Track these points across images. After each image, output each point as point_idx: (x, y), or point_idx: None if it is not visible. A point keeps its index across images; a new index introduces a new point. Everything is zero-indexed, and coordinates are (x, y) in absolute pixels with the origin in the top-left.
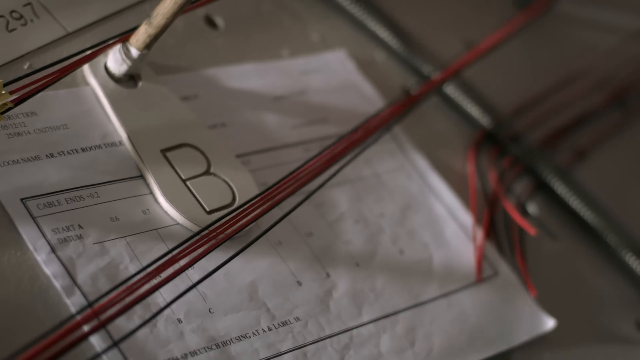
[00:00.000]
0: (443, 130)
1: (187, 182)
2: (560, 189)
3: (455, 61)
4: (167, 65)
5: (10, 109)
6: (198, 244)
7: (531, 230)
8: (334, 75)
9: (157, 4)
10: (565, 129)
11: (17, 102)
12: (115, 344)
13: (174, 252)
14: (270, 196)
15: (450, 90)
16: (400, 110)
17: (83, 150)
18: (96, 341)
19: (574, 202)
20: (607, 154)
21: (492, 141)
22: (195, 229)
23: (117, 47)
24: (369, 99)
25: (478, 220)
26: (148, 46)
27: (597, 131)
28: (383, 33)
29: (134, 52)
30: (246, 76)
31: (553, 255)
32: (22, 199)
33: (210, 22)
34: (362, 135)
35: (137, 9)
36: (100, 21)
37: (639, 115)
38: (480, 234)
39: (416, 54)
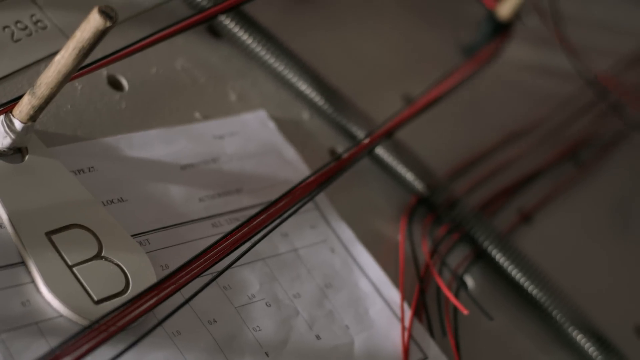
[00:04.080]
0: (374, 196)
1: (74, 269)
2: (501, 259)
3: (390, 120)
4: (61, 135)
5: None
6: (83, 339)
7: (464, 309)
8: (252, 139)
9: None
10: (510, 188)
11: None
12: None
13: (56, 350)
14: (171, 281)
15: (383, 152)
16: (326, 176)
17: None
18: None
19: (516, 274)
20: (556, 216)
21: (427, 207)
22: (82, 321)
23: (0, 119)
24: (291, 164)
25: (408, 297)
26: (33, 118)
27: (546, 190)
28: (309, 90)
29: (18, 125)
30: (150, 143)
31: (491, 334)
32: None
33: (115, 83)
34: (281, 207)
35: (31, 71)
36: None
37: (593, 171)
38: (409, 313)
39: (347, 112)
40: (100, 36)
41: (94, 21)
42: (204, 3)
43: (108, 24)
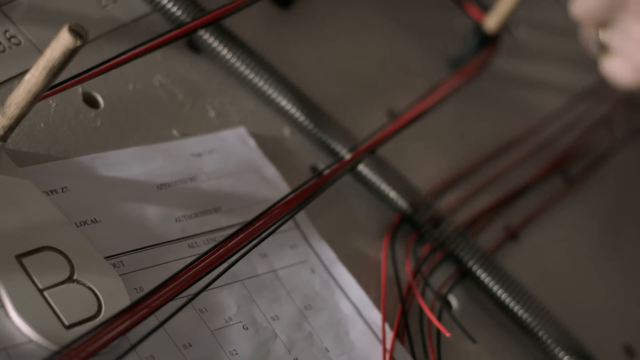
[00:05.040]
0: (357, 214)
1: (45, 292)
2: (486, 278)
3: (373, 136)
4: (33, 154)
5: None
6: None
7: (446, 332)
8: (231, 156)
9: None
10: (497, 205)
11: None
12: None
13: None
14: (144, 304)
15: (366, 168)
16: (307, 193)
17: None
18: None
19: (502, 294)
20: (544, 233)
21: (411, 225)
22: (52, 347)
23: None
24: (270, 182)
25: (390, 318)
26: (3, 138)
27: (534, 207)
28: (290, 106)
29: None
30: (126, 162)
31: (475, 356)
32: None
33: (90, 101)
34: (260, 226)
35: (4, 89)
36: None
37: (582, 186)
38: (390, 334)
39: (329, 128)
40: (70, 55)
41: (63, 40)
42: (183, 17)
43: (78, 42)
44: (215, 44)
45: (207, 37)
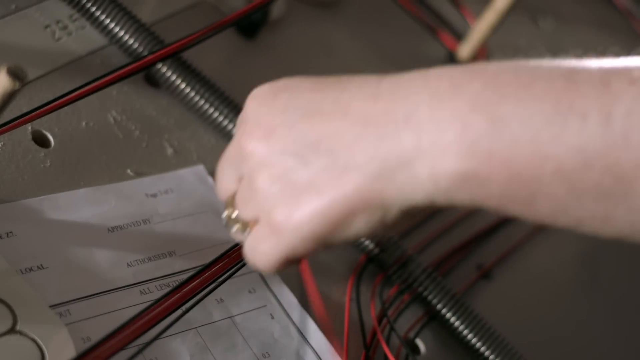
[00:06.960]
0: (321, 254)
1: None
2: (456, 321)
3: None
4: None
5: None
6: None
7: None
8: (188, 197)
9: None
10: (469, 243)
11: None
12: None
13: None
14: (92, 356)
15: None
16: None
17: None
18: None
19: (472, 337)
20: (518, 270)
21: (378, 266)
22: None
23: None
24: None
25: None
26: None
27: (508, 243)
28: None
29: None
30: (76, 204)
31: None
32: None
33: (40, 139)
34: (217, 270)
35: None
36: None
37: None
38: None
39: None
40: (8, 98)
41: (1, 82)
42: (140, 50)
43: (17, 85)
44: (174, 77)
45: (165, 70)
